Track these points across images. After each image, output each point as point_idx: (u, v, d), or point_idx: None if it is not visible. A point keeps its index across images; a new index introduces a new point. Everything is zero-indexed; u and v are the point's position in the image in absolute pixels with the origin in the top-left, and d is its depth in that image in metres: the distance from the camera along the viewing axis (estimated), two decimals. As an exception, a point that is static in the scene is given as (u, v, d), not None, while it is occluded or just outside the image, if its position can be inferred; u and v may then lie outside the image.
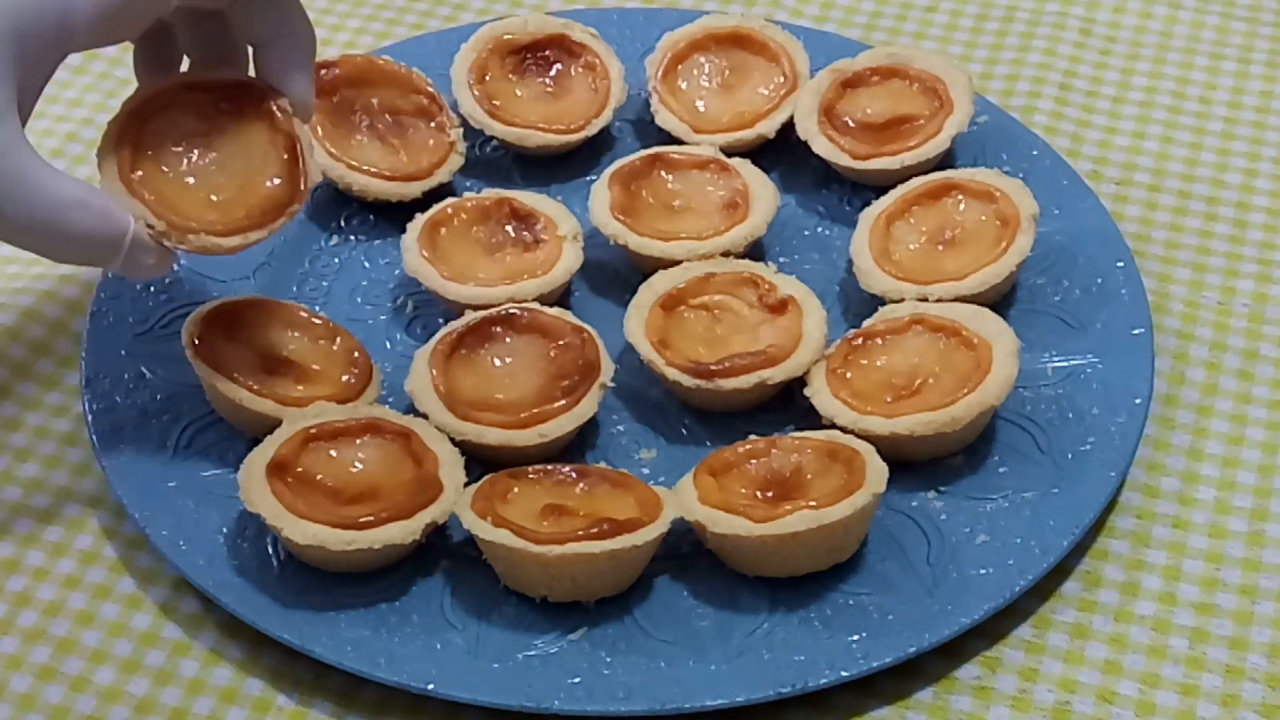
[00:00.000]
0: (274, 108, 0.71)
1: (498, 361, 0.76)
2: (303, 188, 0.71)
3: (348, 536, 0.67)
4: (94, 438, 0.74)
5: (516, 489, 0.71)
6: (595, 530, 0.67)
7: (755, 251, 0.83)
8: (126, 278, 0.75)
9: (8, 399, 0.79)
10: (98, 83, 0.96)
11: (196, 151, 0.70)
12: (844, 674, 0.67)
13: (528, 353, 0.76)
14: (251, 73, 0.73)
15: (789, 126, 0.87)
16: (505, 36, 0.89)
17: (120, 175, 0.68)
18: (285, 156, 0.70)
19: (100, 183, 0.68)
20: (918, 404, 0.73)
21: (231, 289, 0.81)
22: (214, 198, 0.69)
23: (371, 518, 0.68)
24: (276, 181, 0.70)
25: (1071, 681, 0.69)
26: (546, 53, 0.90)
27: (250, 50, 0.73)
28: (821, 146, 0.85)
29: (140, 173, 0.68)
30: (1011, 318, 0.79)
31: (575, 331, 0.76)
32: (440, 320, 0.80)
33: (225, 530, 0.71)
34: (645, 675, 0.67)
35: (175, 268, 0.81)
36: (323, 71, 0.85)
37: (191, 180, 0.69)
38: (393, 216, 0.85)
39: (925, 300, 0.77)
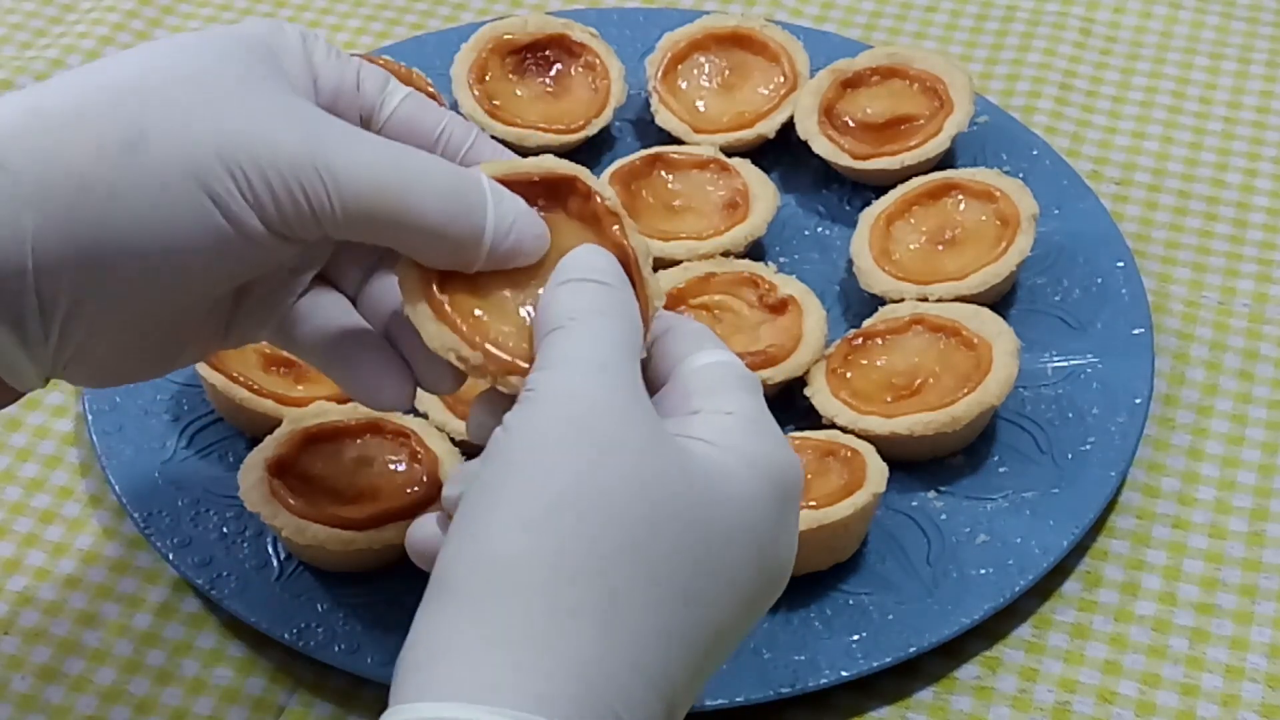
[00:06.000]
0: (603, 210, 0.55)
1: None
2: (644, 318, 0.53)
3: (347, 536, 0.67)
4: (94, 438, 0.74)
5: None
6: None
7: (755, 251, 0.83)
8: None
9: (8, 399, 0.79)
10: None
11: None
12: (844, 674, 0.67)
13: (527, 353, 0.76)
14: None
15: (789, 126, 0.87)
16: (505, 36, 0.89)
17: (426, 298, 0.53)
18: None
19: (405, 309, 0.53)
20: (918, 404, 0.73)
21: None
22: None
23: (371, 518, 0.68)
24: None
25: (1071, 681, 0.69)
26: (546, 52, 0.90)
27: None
28: (821, 146, 0.85)
29: (446, 296, 0.53)
30: (1011, 318, 0.79)
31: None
32: (440, 320, 0.80)
33: (225, 530, 0.71)
34: (645, 675, 0.67)
35: None
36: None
37: (509, 304, 0.53)
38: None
39: (925, 300, 0.77)
